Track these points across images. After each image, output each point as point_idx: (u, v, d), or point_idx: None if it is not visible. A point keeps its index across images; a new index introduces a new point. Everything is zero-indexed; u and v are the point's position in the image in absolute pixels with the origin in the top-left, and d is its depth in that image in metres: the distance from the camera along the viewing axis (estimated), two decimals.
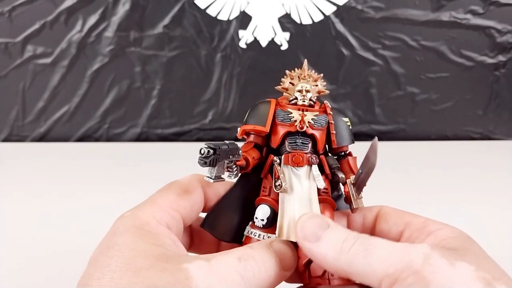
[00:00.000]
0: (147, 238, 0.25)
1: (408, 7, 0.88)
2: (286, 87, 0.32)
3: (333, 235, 0.25)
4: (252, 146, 0.32)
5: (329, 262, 0.25)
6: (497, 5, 0.88)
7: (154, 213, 0.27)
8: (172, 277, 0.22)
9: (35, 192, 0.67)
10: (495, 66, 0.92)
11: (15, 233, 0.55)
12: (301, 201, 0.29)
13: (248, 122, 0.32)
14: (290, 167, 0.30)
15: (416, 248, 0.23)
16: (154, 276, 0.22)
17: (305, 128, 0.30)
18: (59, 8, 0.85)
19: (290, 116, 0.31)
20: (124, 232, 0.25)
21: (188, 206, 0.29)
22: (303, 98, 0.31)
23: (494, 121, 0.95)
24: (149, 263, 0.22)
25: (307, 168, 0.31)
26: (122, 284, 0.21)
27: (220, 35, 0.88)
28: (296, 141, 0.31)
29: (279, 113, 0.31)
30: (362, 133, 0.94)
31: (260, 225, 0.30)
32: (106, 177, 0.73)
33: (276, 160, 0.31)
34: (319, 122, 0.31)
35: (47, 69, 0.88)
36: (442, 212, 0.41)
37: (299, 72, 0.33)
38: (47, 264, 0.47)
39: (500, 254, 0.26)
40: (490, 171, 0.78)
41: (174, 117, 0.93)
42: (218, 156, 0.27)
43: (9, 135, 0.91)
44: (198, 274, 0.23)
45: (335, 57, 0.90)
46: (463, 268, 0.22)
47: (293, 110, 0.31)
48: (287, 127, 0.31)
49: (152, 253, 0.23)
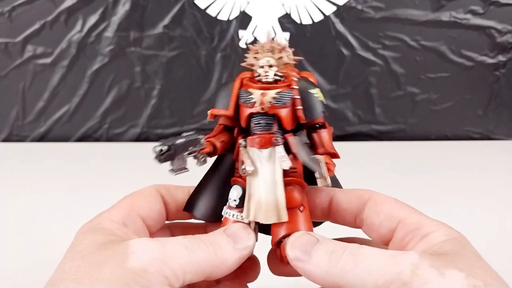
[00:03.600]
0: (97, 233, 0.26)
1: (408, 7, 0.88)
2: (252, 62, 0.30)
3: (321, 249, 0.25)
4: (222, 129, 0.31)
5: (319, 277, 0.25)
6: (497, 5, 0.88)
7: (108, 214, 0.29)
8: (112, 250, 0.24)
9: (35, 192, 0.67)
10: (495, 66, 0.92)
11: (15, 233, 0.55)
12: (266, 184, 0.29)
13: (215, 105, 0.31)
14: (255, 149, 0.30)
15: (405, 258, 0.23)
16: (97, 255, 0.24)
17: (266, 108, 0.29)
18: (59, 8, 0.85)
19: (250, 98, 0.29)
20: (79, 234, 0.27)
21: (146, 207, 0.30)
22: (266, 75, 0.30)
23: (494, 121, 0.95)
24: (94, 248, 0.24)
25: (271, 150, 0.30)
26: (70, 269, 0.23)
27: (220, 35, 0.88)
28: (260, 122, 0.30)
29: (242, 94, 0.30)
30: (362, 133, 0.94)
31: (233, 205, 0.30)
32: (106, 177, 0.73)
33: (241, 143, 0.30)
34: (281, 100, 0.29)
35: (47, 69, 0.88)
36: (441, 212, 0.41)
37: (261, 44, 0.30)
38: (47, 264, 0.47)
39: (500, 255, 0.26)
40: (490, 171, 0.78)
41: (174, 117, 0.93)
42: (173, 152, 0.27)
43: (9, 135, 0.91)
44: (137, 242, 0.24)
45: (335, 57, 0.90)
46: (453, 276, 0.22)
47: (254, 90, 0.30)
48: (249, 108, 0.30)
49: (98, 241, 0.25)
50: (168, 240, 0.25)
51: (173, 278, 0.23)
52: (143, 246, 0.24)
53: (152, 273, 0.23)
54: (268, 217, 0.29)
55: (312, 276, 0.25)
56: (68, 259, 0.24)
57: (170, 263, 0.24)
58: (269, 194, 0.29)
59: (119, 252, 0.23)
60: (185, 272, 0.24)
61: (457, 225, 0.27)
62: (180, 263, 0.24)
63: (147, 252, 0.23)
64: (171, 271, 0.23)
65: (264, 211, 0.29)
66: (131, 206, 0.30)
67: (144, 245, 0.24)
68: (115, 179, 0.71)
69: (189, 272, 0.24)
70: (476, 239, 0.26)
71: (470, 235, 0.26)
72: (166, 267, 0.23)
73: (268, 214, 0.29)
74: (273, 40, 0.31)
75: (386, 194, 0.30)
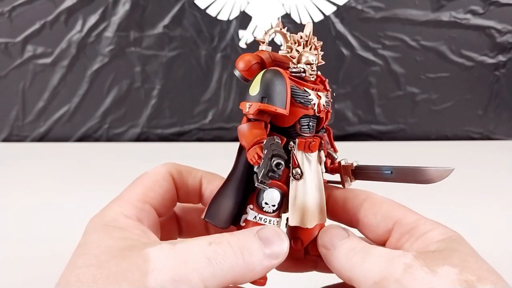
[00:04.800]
0: (113, 233, 0.25)
1: (408, 7, 0.88)
2: (294, 55, 0.28)
3: (347, 245, 0.26)
4: (263, 127, 0.28)
5: (338, 269, 0.26)
6: (497, 5, 0.88)
7: (121, 208, 0.27)
8: (131, 263, 0.22)
9: (35, 192, 0.67)
10: (495, 66, 0.92)
11: (15, 233, 0.55)
12: (312, 187, 0.29)
13: (266, 99, 0.27)
14: (304, 152, 0.29)
15: (400, 258, 0.24)
16: (114, 265, 0.22)
17: (321, 112, 0.28)
18: (59, 8, 0.85)
19: (309, 99, 0.28)
20: (92, 231, 0.25)
21: (159, 196, 0.29)
22: (312, 74, 0.28)
23: (494, 121, 0.95)
24: (111, 255, 0.23)
25: (317, 153, 0.29)
26: (86, 278, 0.22)
27: (220, 35, 0.88)
28: (308, 124, 0.28)
29: (296, 92, 0.28)
30: (362, 133, 0.94)
31: (270, 210, 0.28)
32: (106, 177, 0.73)
33: (292, 146, 0.28)
34: (328, 104, 0.29)
35: (47, 69, 0.88)
36: (441, 212, 0.41)
37: (304, 37, 0.29)
38: (47, 263, 0.47)
39: (499, 254, 0.26)
40: (490, 171, 0.78)
41: (174, 117, 0.93)
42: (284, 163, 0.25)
43: (9, 135, 0.91)
44: (158, 256, 0.23)
45: (335, 57, 0.90)
46: (445, 273, 0.22)
47: (309, 91, 0.28)
48: (304, 109, 0.28)
49: (116, 246, 0.24)
50: (191, 253, 0.23)
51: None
52: (164, 262, 0.23)
53: None
54: (312, 221, 0.28)
55: (332, 266, 0.27)
56: (83, 262, 0.23)
57: (191, 281, 0.22)
58: (316, 197, 0.29)
59: (138, 266, 0.22)
60: (207, 286, 0.23)
61: (457, 224, 0.27)
62: (203, 279, 0.23)
63: (168, 271, 0.22)
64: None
65: (309, 215, 0.28)
66: (145, 197, 0.28)
67: (165, 262, 0.23)
68: (115, 179, 0.71)
69: (211, 285, 0.23)
70: (476, 238, 0.26)
71: (470, 234, 0.26)
72: (186, 287, 0.22)
73: (312, 218, 0.28)
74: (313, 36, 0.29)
75: (382, 195, 0.30)
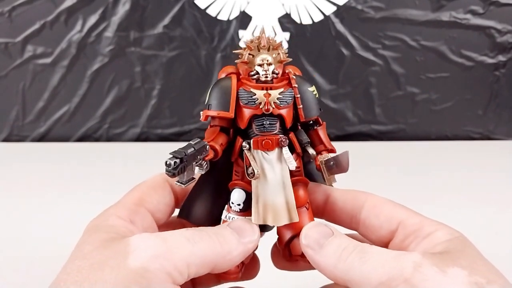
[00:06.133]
0: (101, 231, 0.26)
1: (408, 7, 0.88)
2: (246, 60, 0.29)
3: (335, 243, 0.26)
4: (218, 131, 0.29)
5: (328, 270, 0.25)
6: (497, 5, 0.88)
7: (114, 210, 0.28)
8: (113, 250, 0.23)
9: (35, 192, 0.67)
10: (495, 66, 0.92)
11: (15, 233, 0.55)
12: (274, 186, 0.29)
13: (211, 105, 0.29)
14: (261, 151, 0.29)
15: (408, 257, 0.23)
16: (97, 254, 0.23)
17: (271, 109, 0.28)
18: (59, 8, 0.85)
19: (254, 98, 0.28)
20: (85, 232, 0.26)
21: (154, 200, 0.30)
22: (266, 74, 0.29)
23: (494, 121, 0.95)
24: (94, 247, 0.24)
25: (278, 151, 0.29)
26: (72, 269, 0.23)
27: (220, 35, 0.88)
28: (263, 123, 0.29)
29: (242, 94, 0.29)
30: (362, 133, 0.94)
31: (237, 209, 0.30)
32: (106, 177, 0.73)
33: (245, 146, 0.29)
34: (285, 100, 0.29)
35: (47, 69, 0.88)
36: (442, 212, 0.41)
37: (257, 41, 0.29)
38: (47, 264, 0.47)
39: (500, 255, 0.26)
40: (490, 171, 0.78)
41: (174, 117, 0.93)
42: (186, 163, 0.26)
43: (9, 135, 0.91)
44: (138, 240, 0.24)
45: (335, 57, 0.90)
46: (455, 274, 0.22)
47: (256, 90, 0.29)
48: (253, 109, 0.29)
49: (100, 238, 0.25)
50: (169, 234, 0.25)
51: (176, 273, 0.23)
52: (143, 243, 0.24)
53: (153, 271, 0.22)
54: (279, 219, 0.28)
55: (320, 267, 0.26)
56: (71, 259, 0.24)
57: (172, 258, 0.23)
58: (278, 196, 0.28)
59: (119, 251, 0.23)
60: (189, 265, 0.24)
61: (457, 224, 0.27)
62: (183, 257, 0.23)
63: (148, 249, 0.23)
64: (173, 267, 0.23)
65: (273, 213, 0.28)
66: (140, 201, 0.29)
67: (145, 242, 0.24)
68: (115, 179, 0.71)
69: (193, 264, 0.24)
70: (476, 238, 0.26)
71: (470, 234, 0.26)
72: (167, 263, 0.23)
73: (278, 216, 0.28)
74: (268, 37, 0.30)
75: (382, 196, 0.30)
